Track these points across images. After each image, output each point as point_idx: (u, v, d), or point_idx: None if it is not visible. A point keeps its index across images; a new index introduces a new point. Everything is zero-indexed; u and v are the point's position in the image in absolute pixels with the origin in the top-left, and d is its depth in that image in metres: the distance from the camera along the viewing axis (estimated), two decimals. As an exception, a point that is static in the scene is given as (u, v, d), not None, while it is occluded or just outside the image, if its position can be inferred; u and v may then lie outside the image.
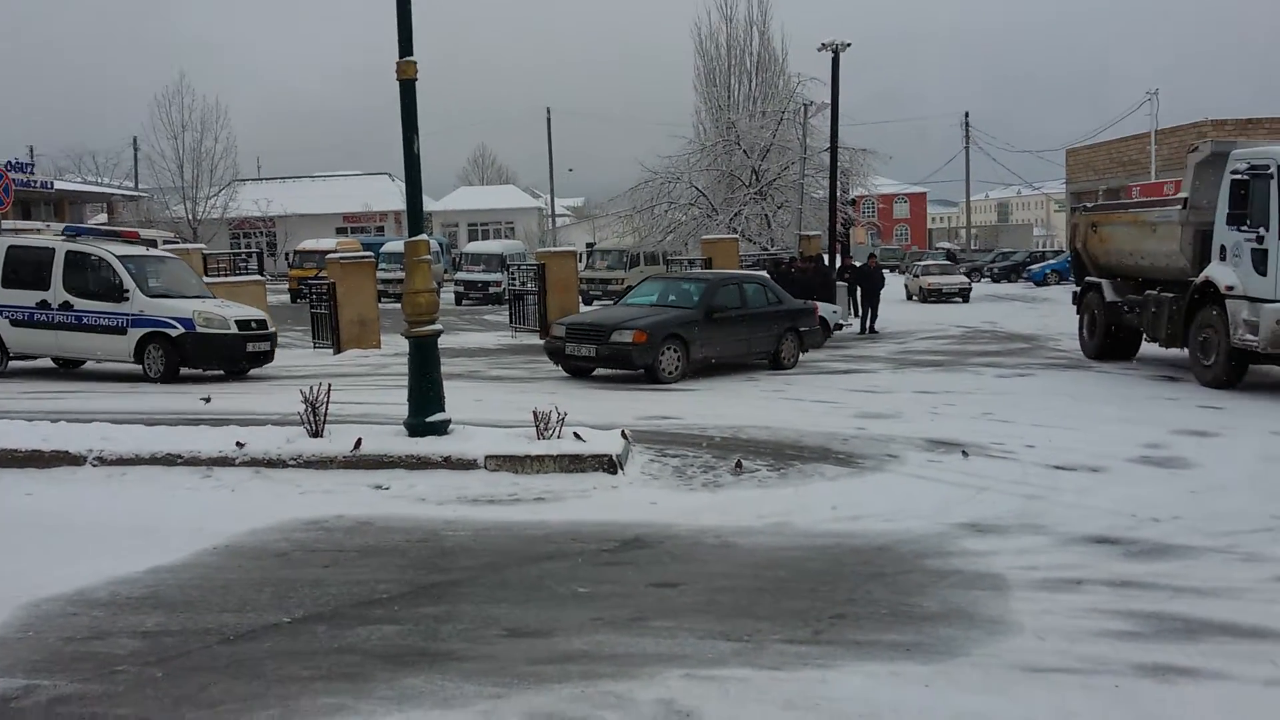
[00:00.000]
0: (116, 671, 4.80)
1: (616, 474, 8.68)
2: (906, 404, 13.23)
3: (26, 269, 16.13)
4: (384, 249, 37.80)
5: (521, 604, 5.75)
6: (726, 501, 8.13)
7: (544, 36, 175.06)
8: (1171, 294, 15.77)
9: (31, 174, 41.35)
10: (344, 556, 6.70)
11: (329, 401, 9.33)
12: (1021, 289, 46.49)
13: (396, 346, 17.56)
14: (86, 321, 15.73)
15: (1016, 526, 7.38)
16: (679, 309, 16.40)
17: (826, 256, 27.84)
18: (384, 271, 31.90)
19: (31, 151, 52.90)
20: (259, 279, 22.30)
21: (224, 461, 8.83)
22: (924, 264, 41.83)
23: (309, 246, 39.57)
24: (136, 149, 53.38)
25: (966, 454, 9.80)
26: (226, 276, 23.09)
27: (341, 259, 21.86)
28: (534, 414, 9.20)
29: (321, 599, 5.81)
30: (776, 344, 17.49)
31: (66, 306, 15.77)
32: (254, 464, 8.79)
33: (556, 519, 7.57)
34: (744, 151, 32.49)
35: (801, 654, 4.98)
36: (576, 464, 8.75)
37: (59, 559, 6.49)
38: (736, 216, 32.09)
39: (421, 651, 5.04)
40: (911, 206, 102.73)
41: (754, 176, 32.42)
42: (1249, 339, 13.60)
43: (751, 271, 22.12)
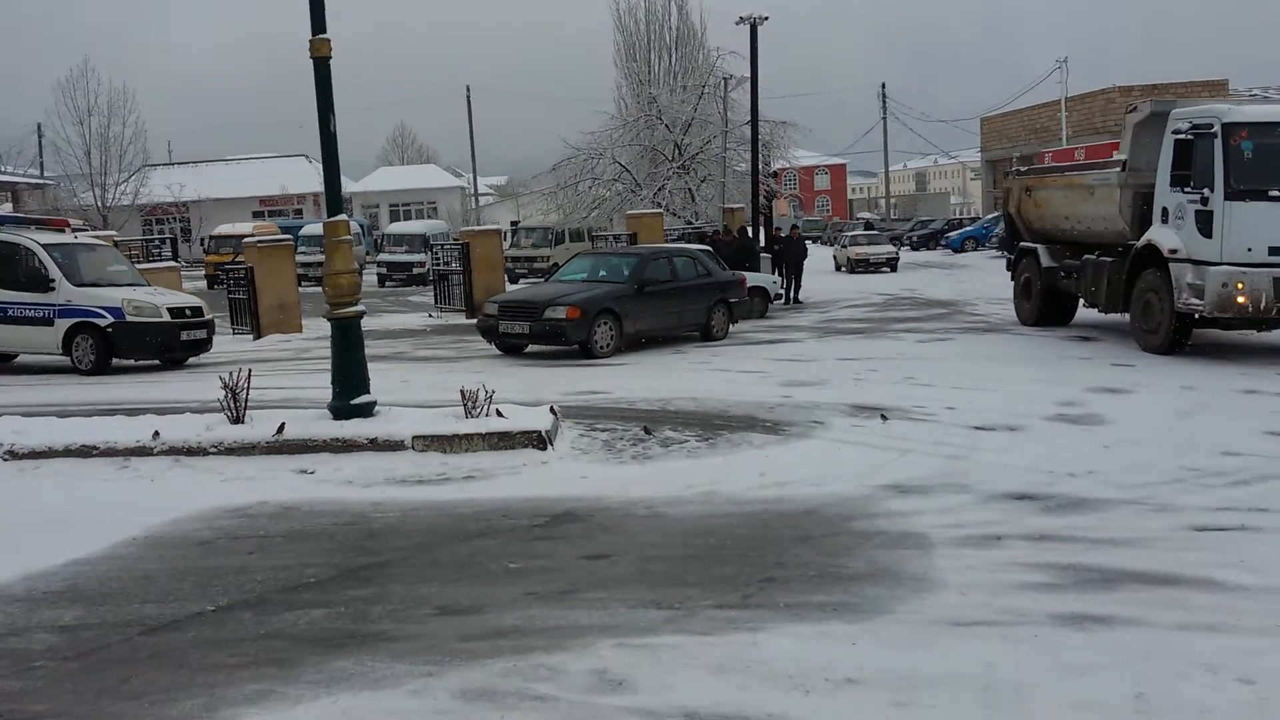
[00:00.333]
0: (34, 667, 4.68)
1: (546, 450, 8.66)
2: (831, 371, 13.40)
3: None
4: (303, 232, 37.07)
5: (452, 582, 5.73)
6: (656, 473, 8.17)
7: (462, 12, 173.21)
8: (1111, 258, 15.37)
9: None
10: (269, 543, 6.60)
11: (250, 387, 9.16)
12: (940, 256, 47.31)
13: (319, 330, 17.29)
14: (12, 314, 15.21)
15: (939, 486, 7.53)
16: (611, 284, 16.39)
17: (750, 229, 28.03)
18: (304, 255, 31.31)
19: (-72, 142, 50.87)
20: (173, 265, 21.77)
21: (142, 451, 8.62)
22: (852, 234, 42.10)
23: (225, 231, 38.58)
24: (41, 136, 51.64)
25: (885, 418, 9.98)
26: (139, 264, 22.45)
27: (259, 243, 21.41)
28: (462, 393, 9.13)
29: (246, 586, 5.72)
30: (707, 316, 17.62)
31: None
32: (173, 453, 8.61)
33: (486, 496, 7.54)
34: (666, 126, 32.40)
35: (732, 618, 5.04)
36: (506, 441, 8.70)
37: (-30, 557, 6.29)
38: (660, 191, 32.05)
39: (350, 634, 4.99)
40: (832, 178, 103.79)
41: (677, 151, 32.38)
42: (1194, 303, 13.21)
43: (694, 245, 22.01)
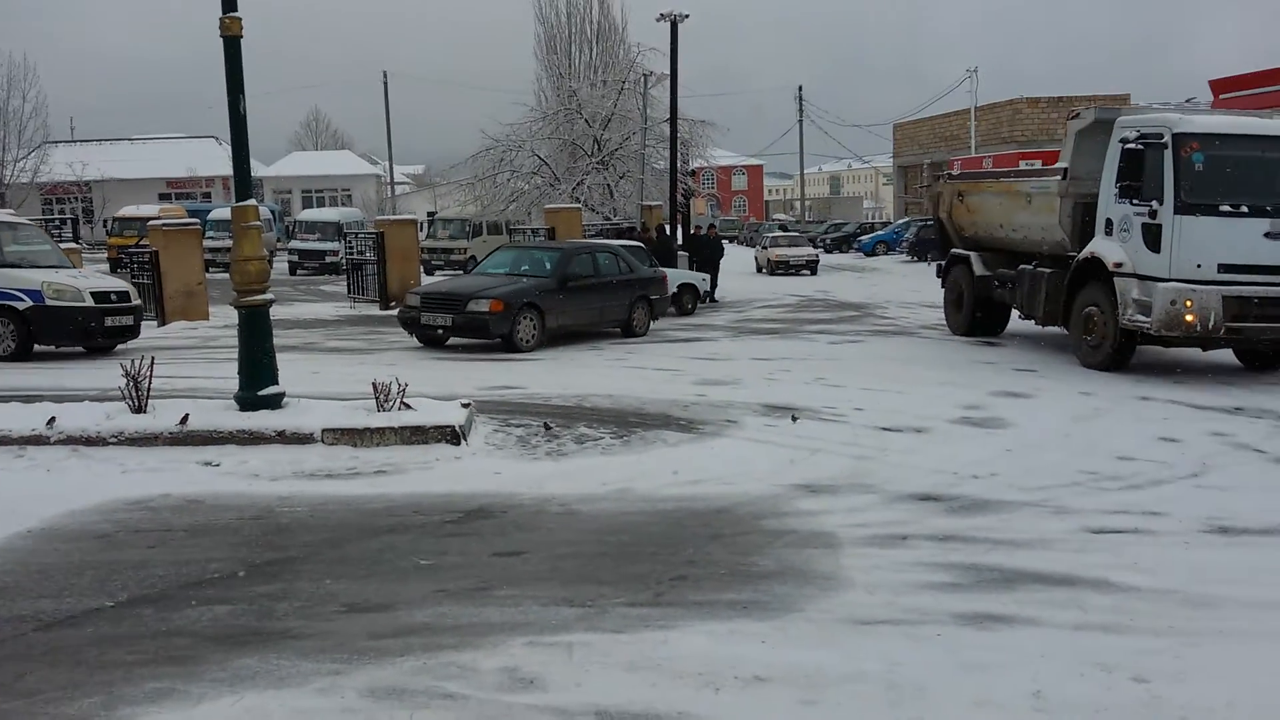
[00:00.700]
0: (-81, 666, 4.49)
1: (460, 445, 8.60)
2: (744, 371, 13.54)
3: None
4: (211, 216, 36.18)
5: (361, 579, 5.65)
6: (570, 469, 8.16)
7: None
8: (1050, 269, 14.76)
9: None
10: (172, 537, 6.43)
11: (153, 375, 8.91)
12: (852, 259, 48.21)
13: (226, 318, 16.90)
14: None
15: (847, 486, 7.67)
16: (534, 278, 16.34)
17: (668, 227, 28.17)
18: (212, 240, 30.57)
19: None
20: (75, 247, 21.02)
21: (38, 440, 8.33)
22: (773, 235, 42.40)
23: (130, 213, 37.39)
24: (-67, 109, 49.39)
25: (796, 418, 10.12)
26: (37, 245, 21.59)
27: (165, 226, 20.76)
28: (374, 386, 9.01)
29: (148, 581, 5.57)
30: (629, 312, 17.72)
31: None
32: (71, 442, 8.32)
33: (398, 491, 7.45)
34: (585, 121, 32.39)
35: (643, 616, 5.07)
36: (418, 435, 8.62)
37: None
38: (579, 186, 32.02)
39: (255, 631, 4.90)
40: (749, 178, 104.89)
41: (596, 146, 32.38)
42: (1139, 319, 12.63)
43: (623, 241, 21.97)
